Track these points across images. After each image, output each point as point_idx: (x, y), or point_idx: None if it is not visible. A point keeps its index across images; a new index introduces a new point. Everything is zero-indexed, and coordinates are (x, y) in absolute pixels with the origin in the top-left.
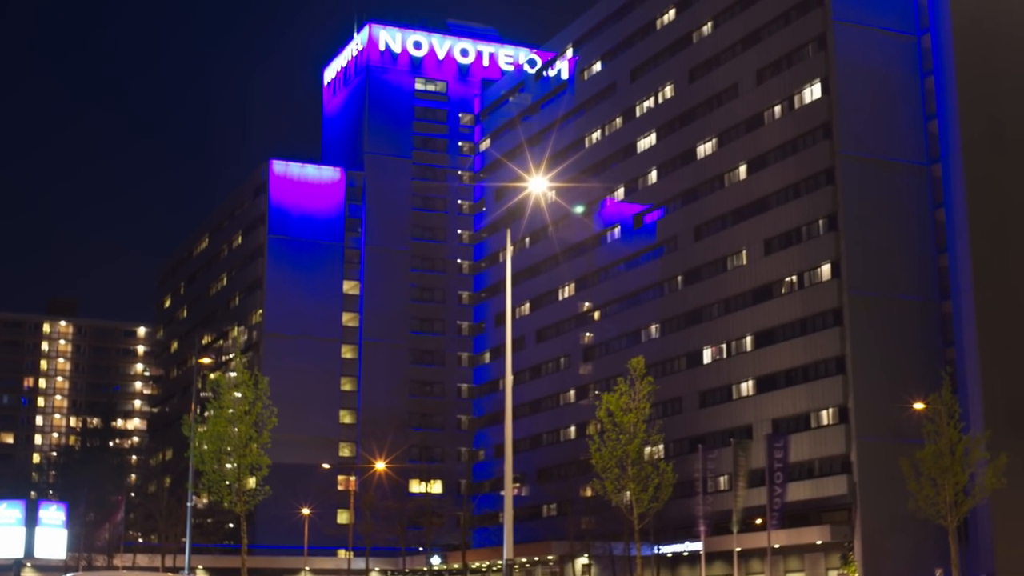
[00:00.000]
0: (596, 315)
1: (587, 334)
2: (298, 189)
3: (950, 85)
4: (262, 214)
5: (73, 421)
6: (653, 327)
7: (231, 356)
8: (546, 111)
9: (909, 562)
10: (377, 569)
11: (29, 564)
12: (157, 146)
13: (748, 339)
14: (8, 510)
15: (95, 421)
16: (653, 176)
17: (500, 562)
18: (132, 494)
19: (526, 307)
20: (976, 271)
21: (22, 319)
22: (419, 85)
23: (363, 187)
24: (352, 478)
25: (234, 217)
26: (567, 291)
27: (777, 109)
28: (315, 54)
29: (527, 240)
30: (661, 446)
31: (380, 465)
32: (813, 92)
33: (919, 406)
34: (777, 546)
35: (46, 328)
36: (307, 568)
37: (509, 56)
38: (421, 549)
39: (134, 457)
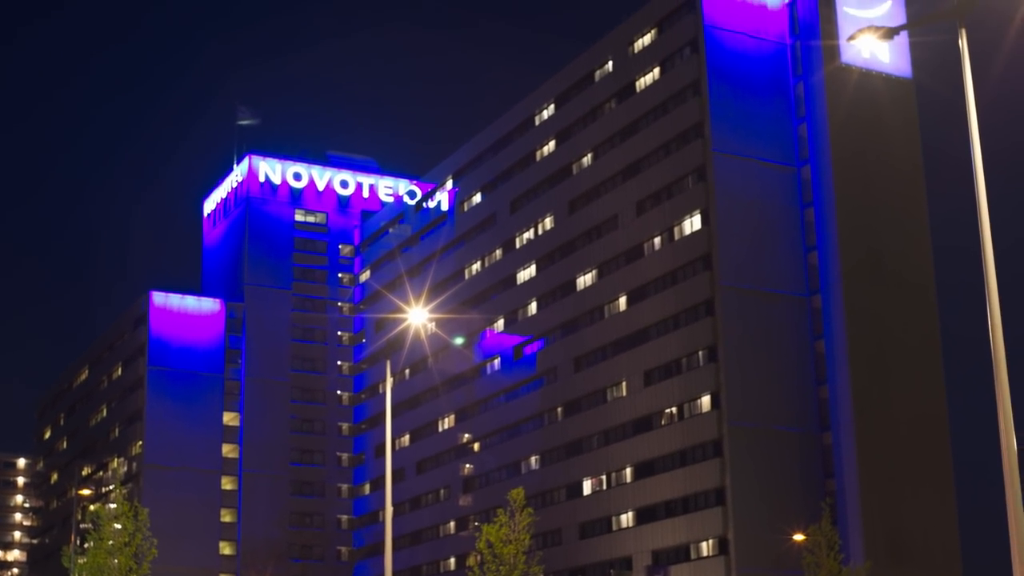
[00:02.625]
0: (476, 446)
1: (467, 465)
2: (178, 320)
3: (830, 216)
4: (142, 345)
5: None
6: (533, 458)
7: (111, 487)
8: (426, 242)
9: None
10: None
11: None
12: (37, 275)
13: (628, 470)
14: None
15: None
16: (533, 307)
17: None
18: None
19: (406, 438)
20: (856, 402)
21: None
22: (299, 216)
23: (243, 318)
24: None
25: (114, 348)
26: (447, 422)
27: (657, 240)
28: (195, 185)
29: (407, 371)
30: None
31: None
32: (693, 223)
33: (799, 537)
34: None
35: None
36: None
37: (389, 187)
38: None
39: None
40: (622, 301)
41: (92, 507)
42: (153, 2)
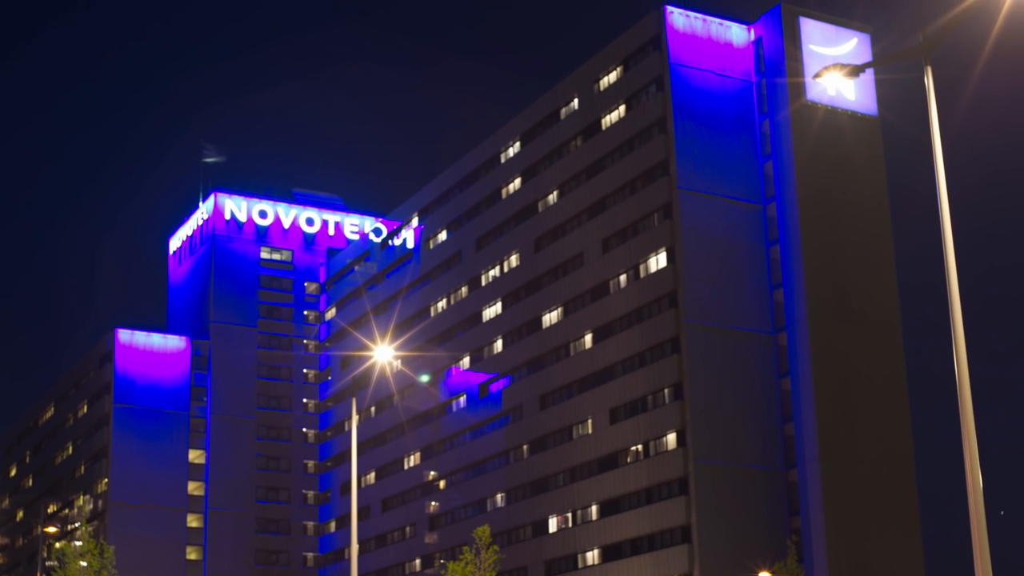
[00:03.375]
0: (442, 484)
1: (433, 503)
2: (144, 358)
3: (795, 254)
4: (107, 383)
5: None
6: (499, 496)
7: (77, 525)
8: (392, 280)
9: None
10: None
11: None
12: (2, 312)
13: (594, 508)
14: None
15: None
16: (499, 345)
17: None
18: None
19: (372, 476)
20: (821, 440)
21: None
22: (265, 254)
23: (208, 356)
24: None
25: (80, 386)
26: (413, 460)
27: (623, 278)
28: (161, 222)
29: (373, 409)
30: None
31: None
32: (659, 261)
33: (765, 574)
34: None
35: None
36: None
37: (355, 225)
38: None
39: None
40: (588, 339)
41: (58, 545)
42: (118, 40)
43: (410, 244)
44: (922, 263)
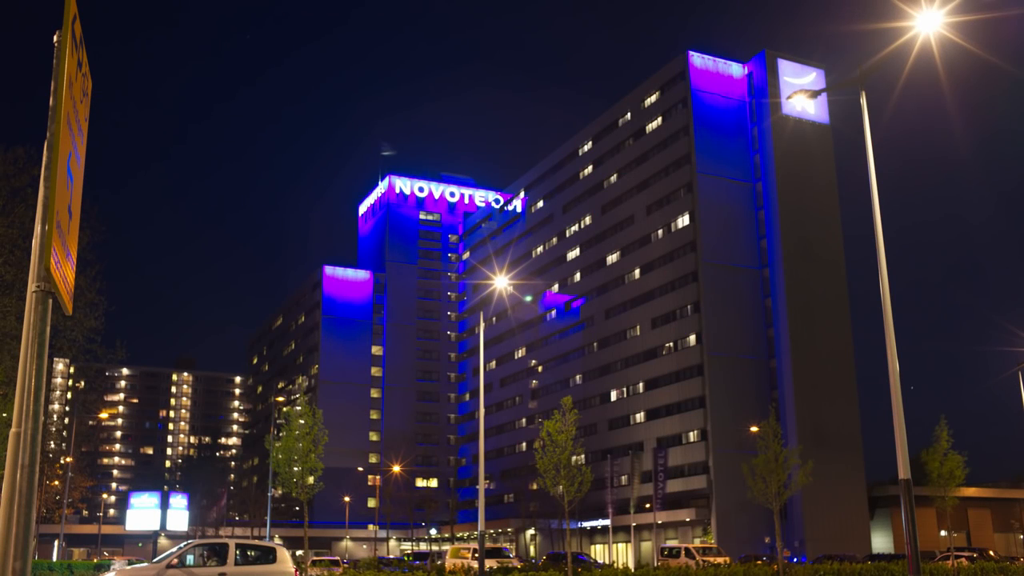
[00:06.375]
0: (540, 369)
1: (534, 381)
2: (342, 285)
3: (774, 216)
4: (318, 301)
5: (192, 439)
6: (577, 376)
7: (297, 396)
8: (506, 233)
9: (748, 533)
10: (394, 537)
11: (162, 534)
12: (247, 257)
13: (640, 385)
14: (149, 498)
15: (207, 439)
16: (577, 276)
17: (476, 532)
18: (231, 488)
19: (493, 363)
20: (792, 340)
21: (158, 371)
22: (422, 216)
23: (385, 284)
24: (377, 477)
25: (299, 303)
26: (520, 353)
27: (660, 232)
28: (353, 195)
29: (494, 318)
30: (583, 456)
31: (396, 468)
32: (683, 220)
33: (754, 429)
34: (660, 522)
35: (174, 377)
36: (347, 537)
37: (482, 196)
38: (423, 524)
39: (232, 463)
40: (636, 272)
41: (284, 409)
42: (324, 73)
43: (519, 209)
44: (860, 219)
